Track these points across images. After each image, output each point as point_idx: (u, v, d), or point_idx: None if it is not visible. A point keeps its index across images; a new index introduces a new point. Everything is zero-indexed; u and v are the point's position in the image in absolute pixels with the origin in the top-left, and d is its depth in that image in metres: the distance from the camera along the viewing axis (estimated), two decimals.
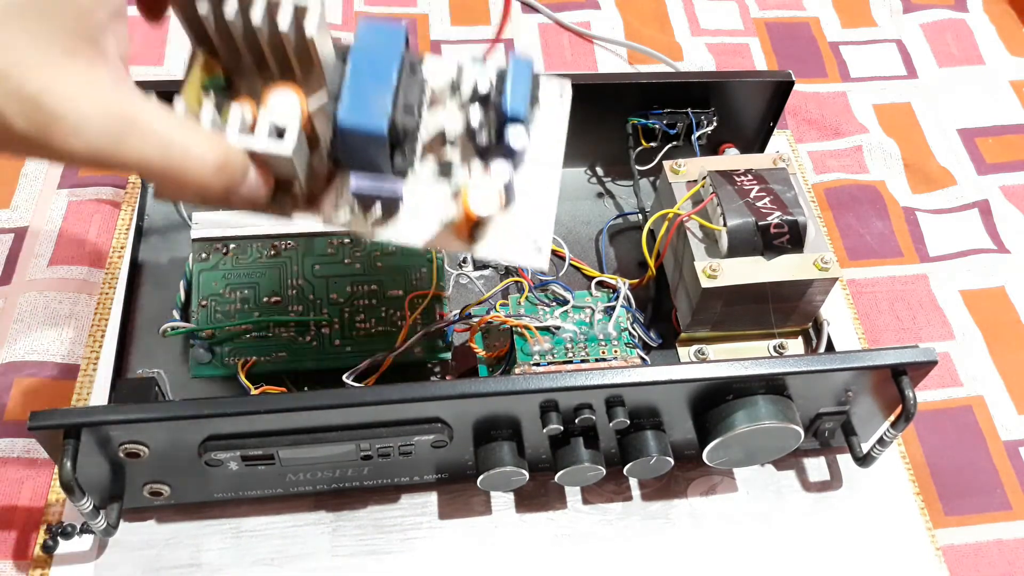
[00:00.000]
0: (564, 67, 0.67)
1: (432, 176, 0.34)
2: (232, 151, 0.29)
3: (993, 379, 0.53)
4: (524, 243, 0.34)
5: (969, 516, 0.47)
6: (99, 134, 0.25)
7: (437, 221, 0.33)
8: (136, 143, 0.26)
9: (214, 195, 0.29)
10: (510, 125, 0.32)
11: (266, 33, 0.31)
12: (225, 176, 0.28)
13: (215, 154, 0.28)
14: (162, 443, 0.37)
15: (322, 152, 0.33)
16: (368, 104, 0.30)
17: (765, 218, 0.43)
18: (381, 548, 0.44)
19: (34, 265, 0.51)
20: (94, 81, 0.25)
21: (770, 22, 0.72)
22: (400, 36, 0.31)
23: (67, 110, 0.24)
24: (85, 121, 0.24)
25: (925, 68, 0.69)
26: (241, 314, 0.45)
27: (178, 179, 0.27)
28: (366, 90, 0.30)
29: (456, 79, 0.34)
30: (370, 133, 0.30)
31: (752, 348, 0.48)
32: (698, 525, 0.45)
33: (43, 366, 0.47)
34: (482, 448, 0.41)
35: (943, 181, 0.62)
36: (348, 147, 0.32)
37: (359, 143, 0.31)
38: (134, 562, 0.42)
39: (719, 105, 0.52)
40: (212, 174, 0.28)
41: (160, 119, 0.27)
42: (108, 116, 0.25)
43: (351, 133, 0.30)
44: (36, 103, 0.24)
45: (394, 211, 0.33)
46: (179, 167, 0.27)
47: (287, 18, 0.30)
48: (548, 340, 0.44)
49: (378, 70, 0.31)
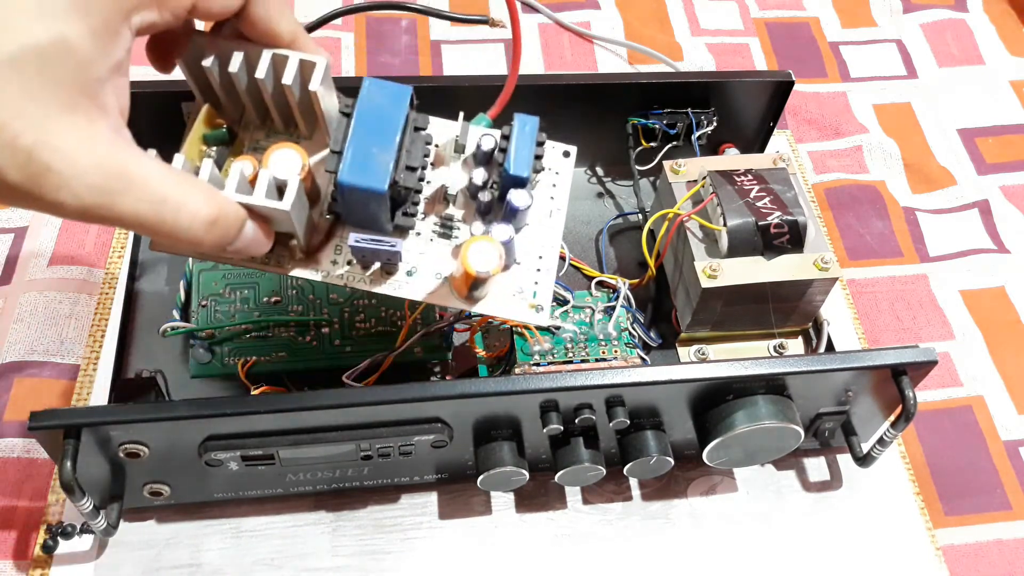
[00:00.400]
0: (564, 67, 0.67)
1: (433, 233, 0.34)
2: (227, 206, 0.29)
3: (993, 379, 0.53)
4: (523, 303, 0.34)
5: (969, 516, 0.47)
6: (92, 189, 0.25)
7: (436, 277, 0.34)
8: (130, 200, 0.26)
9: (208, 249, 0.29)
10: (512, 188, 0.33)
11: (270, 87, 0.31)
12: (219, 232, 0.28)
13: (208, 209, 0.28)
14: (162, 443, 0.37)
15: (322, 206, 0.33)
16: (370, 163, 0.30)
17: (765, 218, 0.43)
18: (381, 548, 0.44)
19: (34, 265, 0.51)
20: (91, 136, 0.25)
21: (770, 22, 0.72)
22: (406, 96, 0.31)
23: (61, 164, 0.24)
24: (78, 176, 0.24)
25: (925, 68, 0.69)
26: (241, 314, 0.45)
27: (171, 235, 0.27)
28: (369, 149, 0.31)
29: (461, 138, 0.35)
30: (371, 192, 0.30)
31: (752, 348, 0.48)
32: (698, 525, 0.45)
33: (43, 366, 0.47)
34: (482, 448, 0.41)
35: (943, 181, 0.62)
36: (349, 204, 0.32)
37: (360, 200, 0.31)
38: (134, 562, 0.42)
39: (719, 105, 0.52)
40: (205, 230, 0.28)
41: (155, 174, 0.26)
42: (102, 171, 0.25)
43: (352, 191, 0.31)
44: (29, 156, 0.23)
45: (393, 268, 0.34)
46: (171, 223, 0.27)
47: (292, 73, 0.30)
48: (548, 340, 0.44)
49: (382, 129, 0.31)
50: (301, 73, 0.31)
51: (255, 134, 0.34)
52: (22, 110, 0.23)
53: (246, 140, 0.34)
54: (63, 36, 0.24)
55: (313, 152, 0.34)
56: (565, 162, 0.37)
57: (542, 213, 0.36)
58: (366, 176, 0.30)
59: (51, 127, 0.24)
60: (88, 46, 0.24)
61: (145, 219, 0.26)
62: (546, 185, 0.36)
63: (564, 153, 0.37)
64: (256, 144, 0.34)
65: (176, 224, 0.27)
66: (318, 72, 0.31)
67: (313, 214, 0.33)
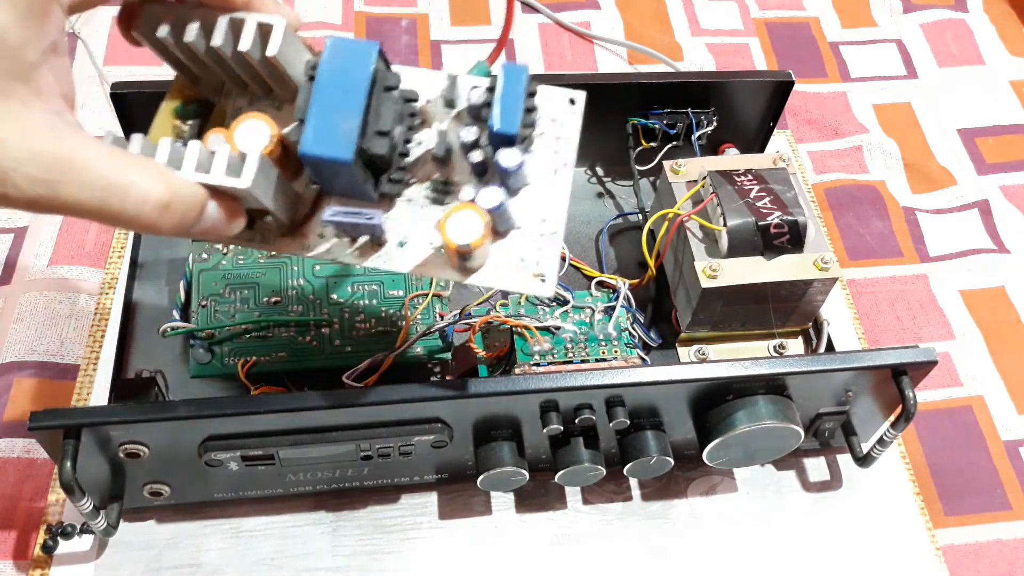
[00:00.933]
0: (564, 67, 0.67)
1: (425, 199, 0.32)
2: (182, 188, 0.27)
3: (993, 379, 0.53)
4: (524, 271, 0.31)
5: (969, 516, 0.47)
6: (32, 180, 0.24)
7: (430, 247, 0.31)
8: (72, 187, 0.24)
9: (168, 232, 0.27)
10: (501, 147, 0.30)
11: (230, 54, 0.29)
12: (175, 216, 0.27)
13: (159, 193, 0.26)
14: (162, 443, 0.37)
15: (306, 178, 0.31)
16: (333, 131, 0.28)
17: (765, 218, 0.43)
18: (381, 548, 0.44)
19: (34, 265, 0.51)
20: (26, 124, 0.24)
21: (770, 22, 0.72)
22: (370, 55, 0.29)
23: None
24: (16, 167, 0.23)
25: (925, 68, 0.69)
26: (241, 314, 0.45)
27: (120, 221, 0.26)
28: (332, 115, 0.28)
29: (449, 92, 0.32)
30: (335, 162, 0.28)
31: (752, 348, 0.48)
32: (698, 525, 0.45)
33: (43, 366, 0.47)
34: (482, 448, 0.41)
35: (943, 181, 0.62)
36: (319, 175, 0.30)
37: (329, 171, 0.29)
38: (134, 562, 0.42)
39: (719, 105, 0.52)
40: (157, 214, 0.26)
41: (98, 159, 0.25)
42: (40, 160, 0.24)
43: (316, 162, 0.29)
44: None
45: (380, 239, 0.31)
46: (118, 209, 0.25)
47: (250, 38, 0.29)
48: (548, 340, 0.44)
49: (346, 92, 0.29)
50: (260, 37, 0.29)
51: (237, 101, 0.32)
52: None
53: (228, 108, 0.32)
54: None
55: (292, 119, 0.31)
56: (571, 111, 0.32)
57: (545, 170, 0.32)
58: (328, 145, 0.28)
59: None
60: (16, 30, 0.23)
61: (90, 206, 0.25)
62: (550, 138, 0.32)
63: (570, 100, 0.32)
64: (238, 112, 0.32)
65: (123, 210, 0.25)
66: (276, 35, 0.29)
67: (297, 186, 0.31)
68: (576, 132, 0.33)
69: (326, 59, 0.29)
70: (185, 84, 0.32)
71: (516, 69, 0.30)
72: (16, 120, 0.24)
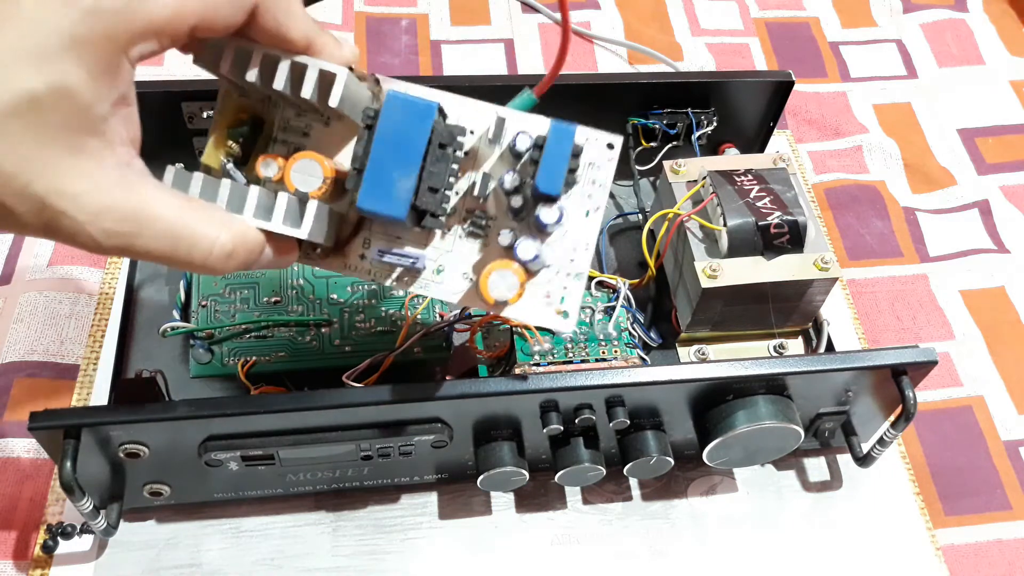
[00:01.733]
0: (564, 67, 0.67)
1: (464, 232, 0.33)
2: (245, 234, 0.29)
3: (993, 379, 0.53)
4: (548, 307, 0.33)
5: (969, 516, 0.47)
6: (106, 233, 0.25)
7: (464, 277, 0.33)
8: (144, 240, 0.26)
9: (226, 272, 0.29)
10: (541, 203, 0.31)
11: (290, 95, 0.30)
12: (237, 262, 0.29)
13: (223, 242, 0.28)
14: (162, 443, 0.37)
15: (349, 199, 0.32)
16: (390, 188, 0.30)
17: (765, 218, 0.43)
18: (381, 548, 0.44)
19: (34, 265, 0.51)
20: (100, 178, 0.25)
21: (770, 22, 0.72)
22: (431, 116, 0.30)
23: (73, 210, 0.24)
24: (91, 221, 0.25)
25: (925, 68, 0.69)
26: (241, 314, 0.45)
27: (188, 268, 0.28)
28: (389, 172, 0.30)
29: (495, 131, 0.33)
30: (389, 218, 0.30)
31: (752, 348, 0.48)
32: (698, 525, 0.45)
33: (43, 366, 0.47)
34: (482, 448, 0.41)
35: (943, 181, 0.62)
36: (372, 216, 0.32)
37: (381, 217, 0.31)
38: (134, 562, 0.42)
39: (719, 105, 0.52)
40: (222, 263, 0.28)
41: (167, 212, 0.27)
42: (113, 215, 0.25)
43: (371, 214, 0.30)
44: (43, 203, 0.24)
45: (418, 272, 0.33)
46: (186, 258, 0.27)
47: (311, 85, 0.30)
48: (548, 340, 0.44)
49: (404, 152, 0.30)
50: (321, 84, 0.30)
51: (285, 112, 0.33)
52: (29, 158, 0.23)
53: (276, 119, 0.33)
54: (62, 82, 0.23)
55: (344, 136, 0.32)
56: (608, 155, 0.33)
57: (578, 213, 0.33)
58: (384, 203, 0.30)
59: (60, 173, 0.24)
60: (88, 87, 0.24)
61: (160, 255, 0.27)
62: (586, 182, 0.33)
63: (608, 145, 0.33)
64: (286, 124, 0.33)
65: (191, 259, 0.27)
66: (338, 86, 0.29)
67: (341, 206, 0.33)
68: (610, 178, 0.33)
69: (386, 115, 0.30)
70: (235, 103, 0.32)
71: (564, 131, 0.31)
72: (89, 176, 0.25)
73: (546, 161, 0.31)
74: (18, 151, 0.23)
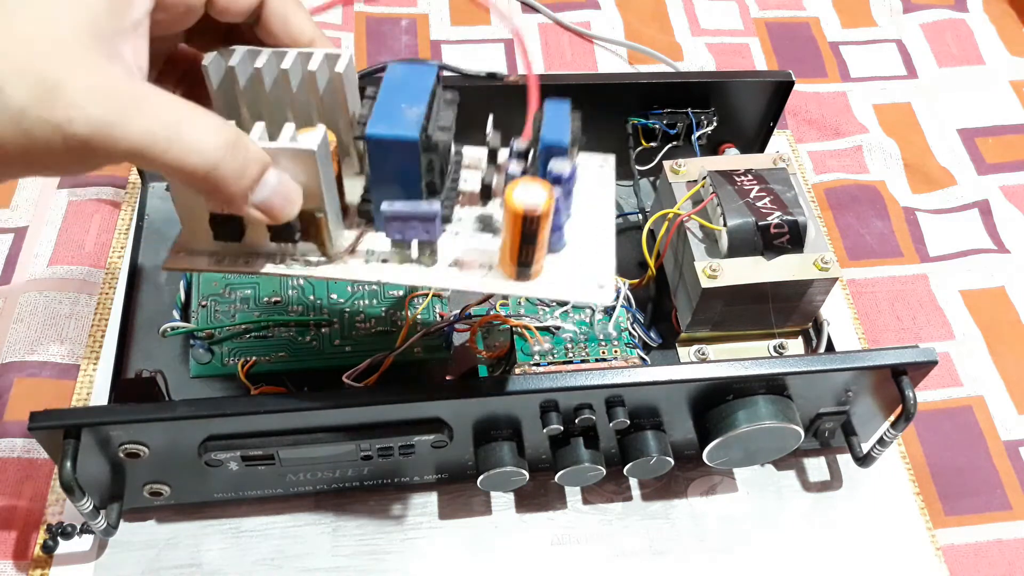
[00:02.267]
0: (564, 67, 0.67)
1: (473, 229, 0.33)
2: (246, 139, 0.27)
3: (993, 379, 0.53)
4: (585, 279, 0.32)
5: (969, 516, 0.47)
6: (103, 109, 0.24)
7: (482, 266, 0.32)
8: (143, 119, 0.24)
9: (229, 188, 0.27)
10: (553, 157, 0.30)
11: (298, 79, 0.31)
12: (239, 159, 0.27)
13: (226, 132, 0.26)
14: (162, 443, 0.37)
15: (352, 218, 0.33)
16: (399, 116, 0.29)
17: (765, 218, 0.43)
18: (381, 548, 0.44)
19: (34, 265, 0.51)
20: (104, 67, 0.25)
21: (770, 22, 0.72)
22: (432, 67, 0.30)
23: (70, 80, 0.23)
24: (88, 92, 0.24)
25: (925, 68, 0.69)
26: (241, 314, 0.45)
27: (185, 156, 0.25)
28: (398, 105, 0.29)
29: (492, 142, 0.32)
30: (403, 142, 0.28)
31: (752, 348, 0.48)
32: (698, 525, 0.45)
33: (43, 366, 0.47)
34: (482, 448, 0.41)
35: (943, 181, 0.62)
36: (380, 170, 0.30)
37: (393, 161, 0.29)
38: (134, 562, 0.42)
39: (719, 105, 0.52)
40: (222, 152, 0.26)
41: (169, 98, 0.26)
42: (113, 92, 0.24)
43: (383, 145, 0.29)
44: (41, 74, 0.23)
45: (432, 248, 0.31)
46: (188, 141, 0.25)
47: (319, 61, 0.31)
48: (548, 340, 0.44)
49: (410, 91, 0.30)
50: (328, 63, 0.31)
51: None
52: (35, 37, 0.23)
53: None
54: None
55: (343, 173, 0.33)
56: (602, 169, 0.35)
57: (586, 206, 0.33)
58: (395, 126, 0.28)
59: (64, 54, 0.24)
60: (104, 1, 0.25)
61: (158, 139, 0.25)
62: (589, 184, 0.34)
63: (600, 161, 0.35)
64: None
65: (192, 143, 0.25)
66: (344, 58, 0.30)
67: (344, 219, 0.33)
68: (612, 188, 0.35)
69: (388, 75, 0.30)
70: None
71: (558, 101, 0.31)
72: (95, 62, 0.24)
73: (547, 121, 0.31)
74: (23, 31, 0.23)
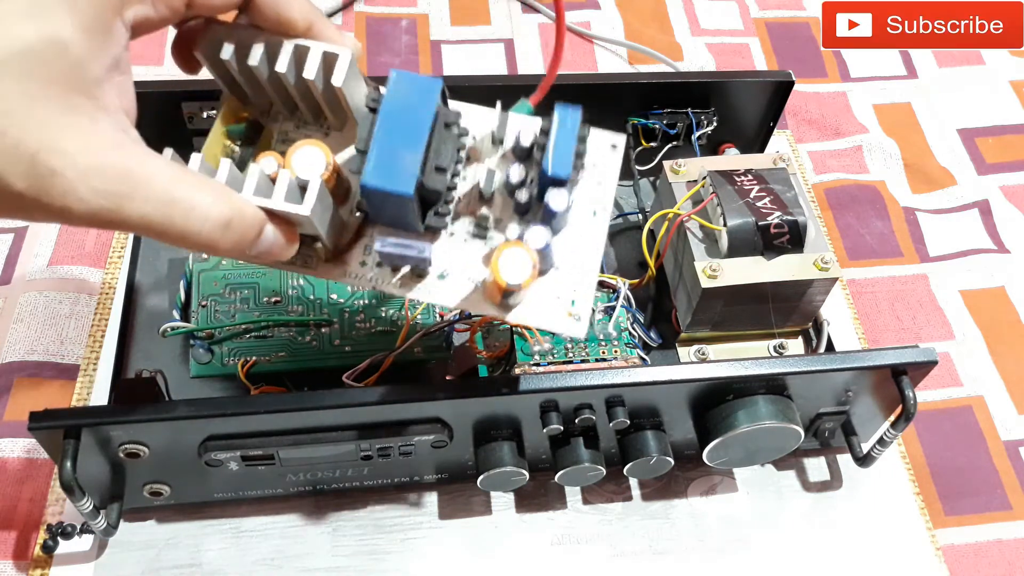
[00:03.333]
0: (564, 67, 0.66)
1: (467, 234, 0.32)
2: (243, 208, 0.27)
3: (993, 379, 0.53)
4: (560, 311, 0.31)
5: (969, 516, 0.47)
6: (98, 193, 0.24)
7: (469, 282, 0.32)
8: (137, 202, 0.25)
9: (226, 252, 0.28)
10: (551, 188, 0.30)
11: (293, 81, 0.30)
12: (235, 235, 0.27)
13: (220, 211, 0.26)
14: (162, 443, 0.37)
15: (352, 204, 0.32)
16: (396, 165, 0.28)
17: (765, 218, 0.43)
18: (381, 548, 0.44)
19: (34, 265, 0.51)
20: (94, 137, 0.24)
21: (770, 22, 0.72)
22: (436, 90, 0.29)
23: (65, 168, 0.23)
24: (84, 179, 0.23)
25: (925, 68, 0.69)
26: (241, 314, 0.45)
27: (182, 238, 0.26)
28: (395, 150, 0.29)
29: (498, 131, 0.32)
30: (396, 195, 0.29)
31: (752, 348, 0.48)
32: (698, 525, 0.45)
33: (43, 366, 0.47)
34: (482, 448, 0.41)
35: (943, 181, 0.62)
36: (375, 206, 0.30)
37: (386, 203, 0.30)
38: (134, 562, 0.42)
39: (719, 105, 0.52)
40: (219, 233, 0.27)
41: (163, 175, 0.25)
42: (107, 173, 0.24)
43: (377, 194, 0.29)
44: (34, 161, 0.23)
45: (424, 271, 0.32)
46: (181, 226, 0.26)
47: (315, 66, 0.29)
48: (548, 340, 0.44)
49: (410, 127, 0.29)
50: (324, 66, 0.29)
51: (284, 125, 0.33)
52: (21, 114, 0.23)
53: (275, 131, 0.32)
54: (55, 35, 0.23)
55: (342, 146, 0.32)
56: (611, 155, 0.33)
57: (584, 213, 0.33)
58: (391, 179, 0.28)
59: (53, 130, 0.23)
60: (81, 44, 0.24)
61: (154, 221, 0.25)
62: (590, 182, 0.33)
63: (612, 145, 0.34)
64: (285, 136, 0.32)
65: (187, 227, 0.26)
66: (342, 65, 0.29)
67: (342, 213, 0.32)
68: (615, 177, 0.33)
69: (390, 92, 0.29)
70: (235, 104, 0.32)
71: (570, 112, 0.31)
72: (83, 134, 0.24)
73: (554, 142, 0.30)
74: (9, 106, 0.23)
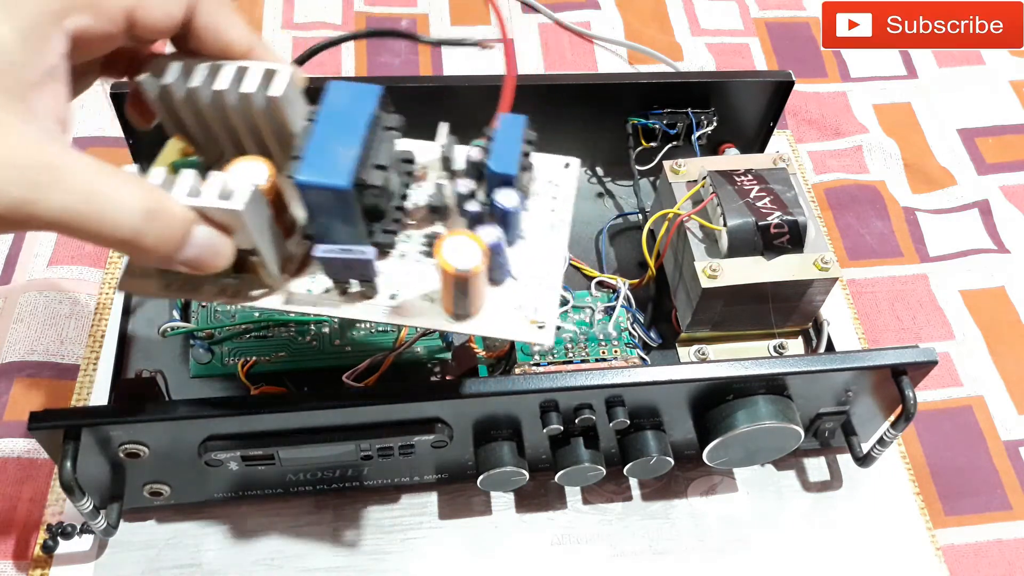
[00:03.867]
0: (564, 67, 0.67)
1: (420, 254, 0.32)
2: (168, 203, 0.26)
3: (993, 379, 0.53)
4: (522, 320, 0.31)
5: (969, 516, 0.47)
6: (15, 184, 0.23)
7: (424, 299, 0.31)
8: (57, 193, 0.23)
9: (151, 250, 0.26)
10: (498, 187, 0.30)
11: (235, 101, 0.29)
12: (160, 226, 0.26)
13: (143, 202, 0.25)
14: (162, 443, 0.37)
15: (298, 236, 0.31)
16: (330, 160, 0.27)
17: (765, 218, 0.43)
18: (381, 548, 0.44)
19: (34, 265, 0.51)
20: (16, 132, 0.23)
21: (770, 22, 0.72)
22: (373, 94, 0.29)
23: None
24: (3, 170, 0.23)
25: (925, 68, 0.69)
26: (241, 314, 0.45)
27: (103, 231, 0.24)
28: (330, 147, 0.28)
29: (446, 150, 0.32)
30: (333, 190, 0.27)
31: (752, 348, 0.48)
32: (698, 525, 0.45)
33: (43, 366, 0.47)
34: (482, 448, 0.41)
35: (943, 181, 0.62)
36: (316, 212, 0.29)
37: (325, 206, 0.28)
38: (134, 562, 0.42)
39: (719, 105, 0.52)
40: (143, 220, 0.25)
41: (83, 166, 0.24)
42: (27, 163, 0.23)
43: (313, 192, 0.28)
44: None
45: (372, 291, 0.31)
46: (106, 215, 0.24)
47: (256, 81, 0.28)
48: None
49: (346, 127, 0.28)
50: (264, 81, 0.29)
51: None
52: None
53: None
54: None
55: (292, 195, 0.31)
56: (566, 173, 0.34)
57: (541, 227, 0.33)
58: (325, 173, 0.27)
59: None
60: (15, 47, 0.23)
61: (76, 212, 0.24)
62: (546, 198, 0.33)
63: (565, 165, 0.34)
64: None
65: (111, 216, 0.24)
66: (282, 78, 0.28)
67: (289, 245, 0.31)
68: (572, 191, 0.34)
69: (328, 101, 0.29)
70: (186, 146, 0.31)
71: (514, 118, 0.31)
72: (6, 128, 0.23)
73: (498, 143, 0.30)
74: None
